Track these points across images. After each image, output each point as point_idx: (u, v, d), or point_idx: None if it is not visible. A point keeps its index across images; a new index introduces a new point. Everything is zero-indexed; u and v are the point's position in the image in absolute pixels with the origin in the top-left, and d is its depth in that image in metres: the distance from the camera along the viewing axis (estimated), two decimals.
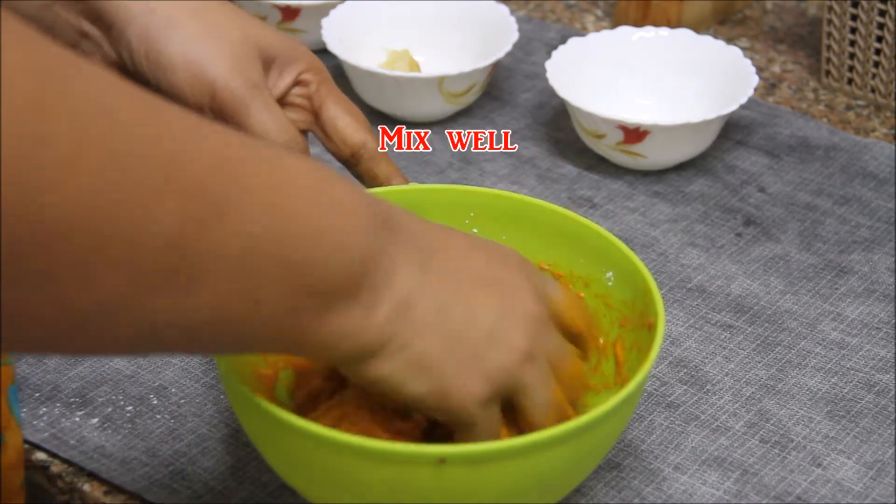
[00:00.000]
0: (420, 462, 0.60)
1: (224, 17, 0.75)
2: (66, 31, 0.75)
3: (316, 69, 0.78)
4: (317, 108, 0.78)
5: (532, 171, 1.01)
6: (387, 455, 0.60)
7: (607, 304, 0.74)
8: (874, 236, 0.94)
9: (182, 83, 0.73)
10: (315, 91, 0.78)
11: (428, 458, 0.60)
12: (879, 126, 1.07)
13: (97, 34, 0.75)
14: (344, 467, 0.61)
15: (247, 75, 0.74)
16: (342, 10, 1.08)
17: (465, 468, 0.61)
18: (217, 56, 0.73)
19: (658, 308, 0.69)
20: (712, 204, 0.98)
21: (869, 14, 1.07)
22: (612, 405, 0.63)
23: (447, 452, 0.60)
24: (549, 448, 0.62)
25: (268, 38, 0.76)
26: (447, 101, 1.04)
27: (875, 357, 0.84)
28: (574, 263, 0.75)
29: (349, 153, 0.79)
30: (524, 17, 1.21)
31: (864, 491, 0.74)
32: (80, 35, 0.75)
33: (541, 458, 0.62)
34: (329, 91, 0.78)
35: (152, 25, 0.73)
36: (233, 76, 0.73)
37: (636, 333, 0.71)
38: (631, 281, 0.72)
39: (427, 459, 0.60)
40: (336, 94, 0.79)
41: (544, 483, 0.64)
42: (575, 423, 0.62)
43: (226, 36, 0.74)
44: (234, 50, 0.74)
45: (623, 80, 1.05)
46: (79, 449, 0.75)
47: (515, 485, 0.62)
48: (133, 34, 0.73)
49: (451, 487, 0.61)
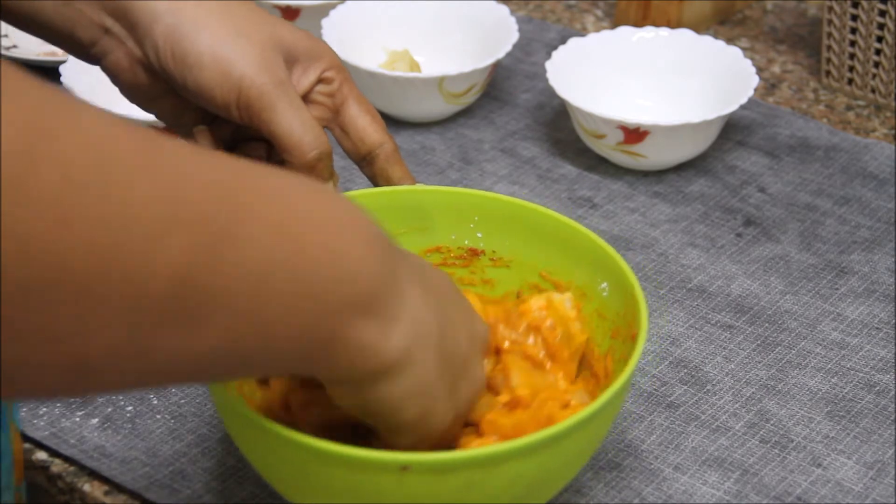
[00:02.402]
0: (383, 469, 0.60)
1: (250, 16, 0.76)
2: (88, 27, 0.75)
3: (338, 67, 0.79)
4: (338, 105, 0.79)
5: (532, 172, 1.01)
6: (350, 460, 0.60)
7: (601, 316, 0.74)
8: (874, 236, 0.94)
9: (209, 81, 0.73)
10: (337, 89, 0.79)
11: (391, 464, 0.60)
12: (879, 126, 1.07)
13: (120, 31, 0.75)
14: (310, 469, 0.62)
15: (273, 73, 0.74)
16: (342, 10, 1.08)
17: (428, 476, 0.60)
18: (244, 54, 0.74)
19: (642, 321, 0.68)
20: (712, 204, 0.98)
21: (869, 14, 1.07)
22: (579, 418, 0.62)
23: (411, 460, 0.60)
24: (515, 458, 0.61)
25: (292, 37, 0.77)
26: (447, 101, 1.04)
27: (875, 357, 0.84)
28: (573, 273, 0.75)
29: (365, 152, 0.79)
30: (524, 17, 1.21)
31: (864, 491, 0.74)
32: (103, 31, 0.75)
33: (507, 468, 0.62)
34: (350, 90, 0.79)
35: (179, 24, 0.73)
36: (260, 74, 0.74)
37: (624, 346, 0.71)
38: (623, 292, 0.72)
39: (390, 466, 0.60)
40: (357, 93, 0.79)
41: (514, 493, 0.63)
42: (539, 435, 0.61)
43: (252, 34, 0.75)
44: (261, 48, 0.75)
45: (623, 80, 1.05)
46: (79, 448, 0.75)
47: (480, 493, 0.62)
48: (160, 32, 0.74)
49: (414, 494, 0.61)
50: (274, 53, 0.75)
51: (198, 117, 0.78)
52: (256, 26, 0.75)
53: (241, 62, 0.74)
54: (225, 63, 0.74)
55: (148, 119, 0.95)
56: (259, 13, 0.76)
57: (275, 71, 0.75)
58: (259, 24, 0.75)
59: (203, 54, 0.73)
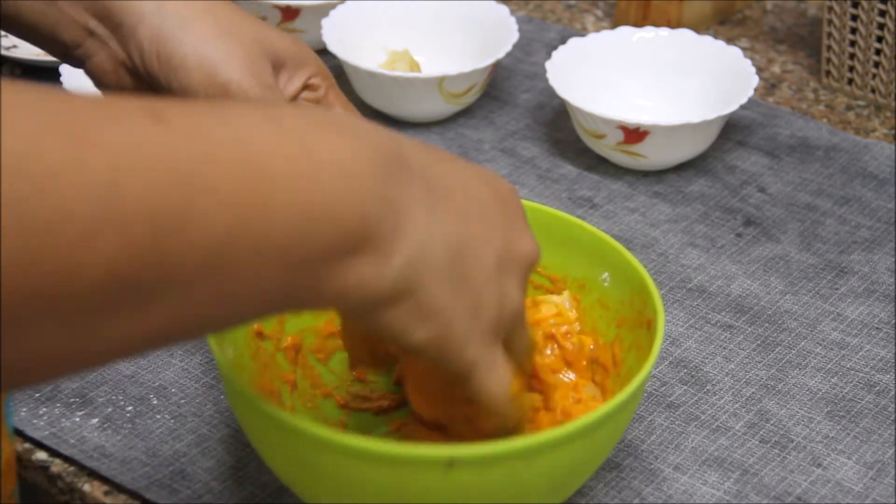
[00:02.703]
0: (428, 464, 0.60)
1: (235, 18, 0.75)
2: (71, 28, 0.74)
3: (324, 74, 0.78)
4: None
5: (532, 171, 1.01)
6: (395, 458, 0.60)
7: (604, 306, 0.74)
8: (874, 236, 0.94)
9: (195, 84, 0.73)
10: (323, 96, 0.78)
11: (436, 459, 0.60)
12: (879, 126, 1.07)
13: (104, 32, 0.75)
14: (350, 470, 0.61)
15: (260, 77, 0.74)
16: (342, 10, 1.08)
17: (474, 469, 0.60)
18: (231, 57, 0.73)
19: (657, 305, 0.69)
20: (712, 204, 0.98)
21: (869, 14, 1.07)
22: (619, 401, 0.63)
23: (455, 454, 0.60)
24: (558, 448, 0.62)
25: (278, 41, 0.76)
26: (447, 101, 1.04)
27: (875, 357, 0.84)
28: (570, 267, 0.75)
29: None
30: (524, 17, 1.21)
31: (864, 491, 0.74)
32: (87, 33, 0.75)
33: (548, 458, 0.62)
34: (337, 96, 0.79)
35: (164, 25, 0.73)
36: (246, 77, 0.73)
37: (634, 332, 0.71)
38: (628, 280, 0.72)
39: (435, 461, 0.60)
40: (343, 100, 0.79)
41: (552, 483, 0.64)
42: (582, 421, 0.62)
43: (238, 37, 0.74)
44: (247, 51, 0.74)
45: (623, 80, 1.05)
46: (79, 448, 0.75)
47: (523, 485, 0.62)
48: (144, 34, 0.73)
49: (459, 489, 0.61)
50: (260, 56, 0.75)
51: None
52: (243, 29, 0.74)
53: (227, 65, 0.73)
54: (210, 65, 0.73)
55: None
56: (245, 16, 0.76)
57: (261, 74, 0.74)
58: (245, 27, 0.75)
59: (188, 56, 0.73)
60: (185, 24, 0.73)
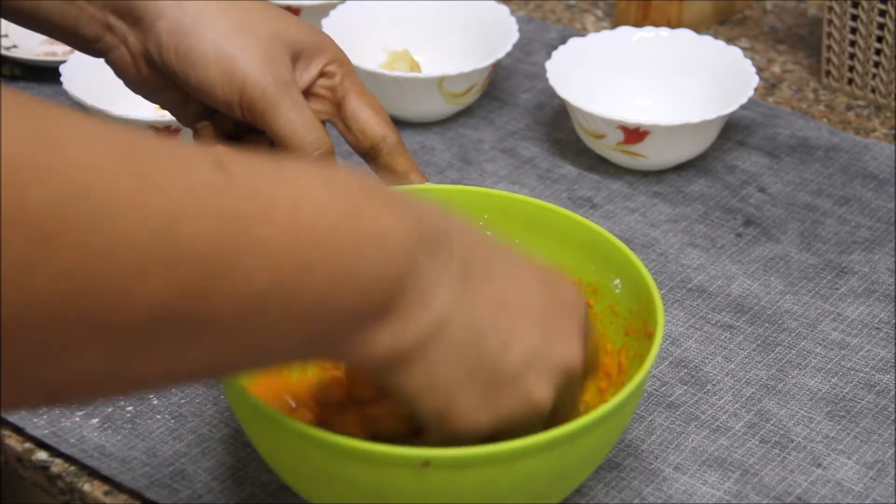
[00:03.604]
0: (404, 464, 0.60)
1: (254, 12, 0.75)
2: (91, 24, 0.75)
3: (341, 61, 0.79)
4: (340, 99, 0.79)
5: (532, 172, 1.01)
6: (371, 456, 0.60)
7: (614, 312, 0.74)
8: (874, 236, 0.94)
9: (212, 79, 0.73)
10: (339, 83, 0.79)
11: (412, 460, 0.60)
12: (879, 126, 1.07)
13: (123, 28, 0.75)
14: (332, 467, 0.62)
15: (277, 73, 0.74)
16: (342, 10, 1.08)
17: (449, 471, 0.60)
18: (248, 53, 0.73)
19: (658, 318, 0.68)
20: (712, 204, 0.98)
21: (869, 14, 1.07)
22: (596, 416, 0.62)
23: (431, 455, 0.60)
24: (534, 455, 0.61)
25: (296, 32, 0.76)
26: (447, 101, 1.04)
27: (875, 357, 0.84)
28: (584, 270, 0.75)
29: (368, 146, 0.79)
30: (524, 17, 1.21)
31: (865, 491, 0.74)
32: (105, 28, 0.75)
33: (525, 465, 0.62)
34: (353, 84, 0.79)
35: (183, 21, 0.73)
36: (263, 74, 0.74)
37: (639, 342, 0.71)
38: (636, 290, 0.72)
39: (411, 462, 0.60)
40: (359, 87, 0.79)
41: (529, 488, 0.63)
42: (558, 431, 0.61)
43: (257, 32, 0.74)
44: (265, 46, 0.74)
45: (623, 80, 1.05)
46: (79, 448, 0.75)
47: (499, 489, 0.62)
48: (163, 29, 0.73)
49: (435, 490, 0.61)
50: (279, 50, 0.75)
51: (201, 108, 0.78)
52: (261, 23, 0.75)
53: (245, 61, 0.73)
54: (228, 61, 0.73)
55: (147, 119, 0.96)
56: (265, 9, 0.76)
57: (278, 70, 0.74)
58: (263, 21, 0.75)
59: (206, 52, 0.73)
60: (204, 19, 0.73)
